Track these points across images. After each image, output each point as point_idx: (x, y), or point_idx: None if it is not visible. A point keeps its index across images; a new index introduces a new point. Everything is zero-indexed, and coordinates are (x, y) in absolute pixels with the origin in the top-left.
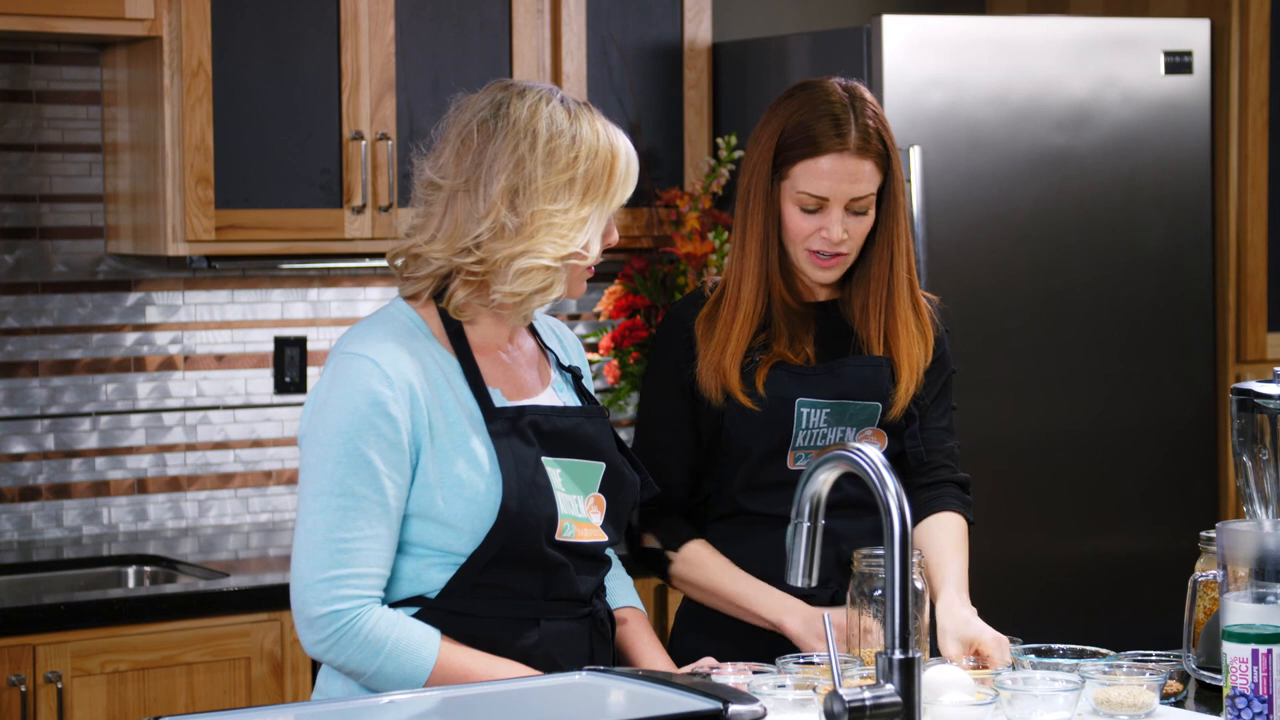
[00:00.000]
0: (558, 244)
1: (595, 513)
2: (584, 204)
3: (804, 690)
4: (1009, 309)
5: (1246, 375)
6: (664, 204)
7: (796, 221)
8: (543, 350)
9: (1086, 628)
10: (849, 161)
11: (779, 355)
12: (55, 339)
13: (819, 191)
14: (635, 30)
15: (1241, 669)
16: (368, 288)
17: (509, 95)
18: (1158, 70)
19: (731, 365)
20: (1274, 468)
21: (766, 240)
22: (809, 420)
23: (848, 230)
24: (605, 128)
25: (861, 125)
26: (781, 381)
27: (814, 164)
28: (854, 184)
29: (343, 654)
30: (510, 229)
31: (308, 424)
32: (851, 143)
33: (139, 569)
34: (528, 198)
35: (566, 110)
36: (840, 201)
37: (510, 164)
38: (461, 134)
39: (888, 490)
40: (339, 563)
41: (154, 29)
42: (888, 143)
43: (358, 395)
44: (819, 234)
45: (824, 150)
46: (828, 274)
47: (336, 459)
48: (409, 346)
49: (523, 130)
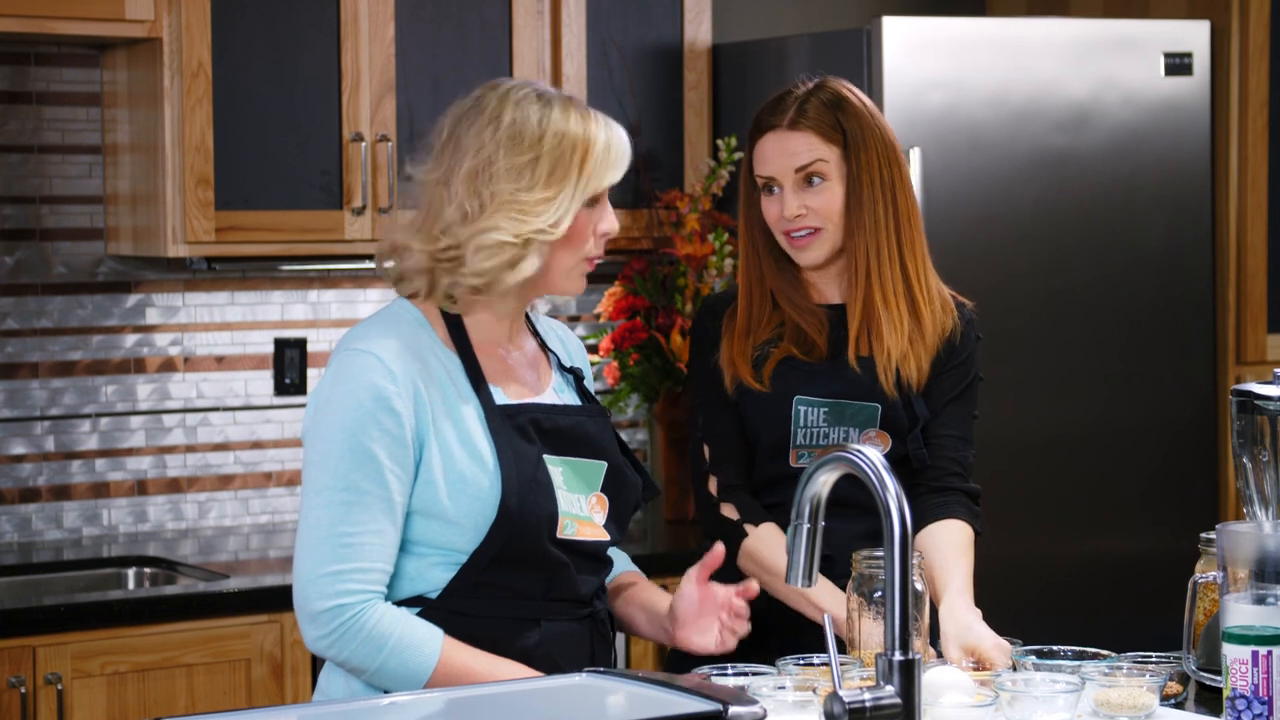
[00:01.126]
0: (518, 219)
1: (598, 512)
2: (549, 184)
3: (804, 692)
4: (1009, 310)
5: (1246, 376)
6: (664, 205)
7: (765, 208)
8: (545, 351)
9: (1086, 629)
10: (784, 136)
11: (787, 350)
12: (55, 340)
13: (764, 171)
14: (635, 31)
15: (1241, 670)
16: (368, 289)
17: (487, 90)
18: (1158, 71)
19: (741, 359)
20: (1274, 469)
21: (753, 237)
22: (807, 418)
23: (807, 205)
24: (584, 115)
25: (801, 103)
26: (784, 377)
27: (759, 146)
28: (791, 157)
29: (345, 650)
30: (473, 211)
31: (311, 420)
32: (787, 119)
33: (139, 570)
34: (487, 179)
35: (540, 99)
36: (785, 176)
37: (474, 149)
38: (443, 131)
39: (888, 492)
40: (342, 557)
41: (154, 30)
42: (842, 120)
43: (361, 390)
44: (783, 214)
45: (764, 130)
46: (804, 254)
47: (340, 453)
48: (412, 343)
49: (489, 118)
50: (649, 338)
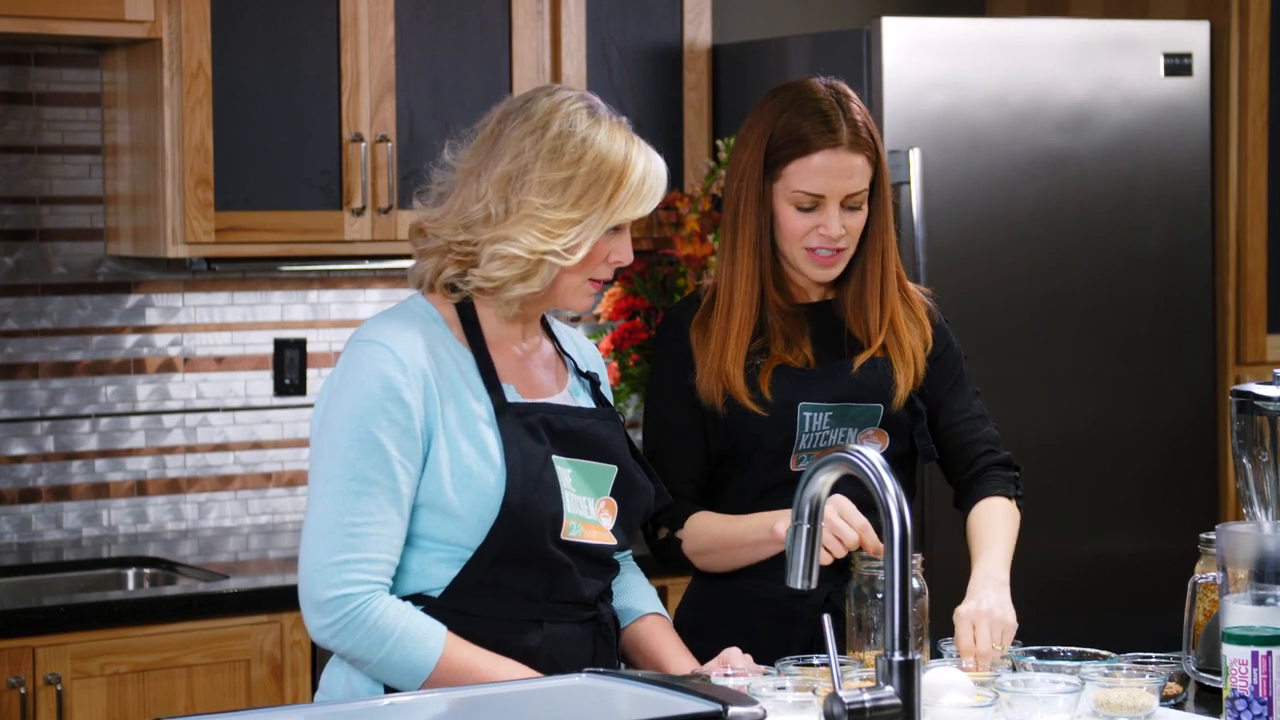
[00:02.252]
0: (537, 238)
1: (606, 516)
2: (577, 206)
3: (804, 692)
4: (1009, 310)
5: (1246, 377)
6: (664, 206)
7: (792, 221)
8: (561, 355)
9: (1086, 629)
10: (842, 157)
11: (779, 359)
12: (55, 341)
13: (814, 189)
14: (635, 32)
15: (1241, 671)
16: (367, 290)
17: (540, 93)
18: (1157, 72)
19: (734, 369)
20: (1274, 470)
21: (760, 242)
22: (812, 423)
23: (845, 226)
24: (629, 140)
25: (851, 120)
26: (784, 386)
27: (807, 162)
28: (848, 179)
29: (349, 640)
30: (497, 215)
31: (321, 410)
32: (844, 138)
33: (139, 571)
34: (519, 187)
35: (590, 115)
36: (836, 198)
37: (513, 153)
38: (488, 124)
39: (887, 492)
40: (349, 546)
41: (154, 31)
42: (875, 138)
43: (371, 380)
44: (816, 231)
45: (816, 147)
46: (827, 271)
47: (349, 443)
48: (424, 336)
49: (536, 124)
50: (649, 338)
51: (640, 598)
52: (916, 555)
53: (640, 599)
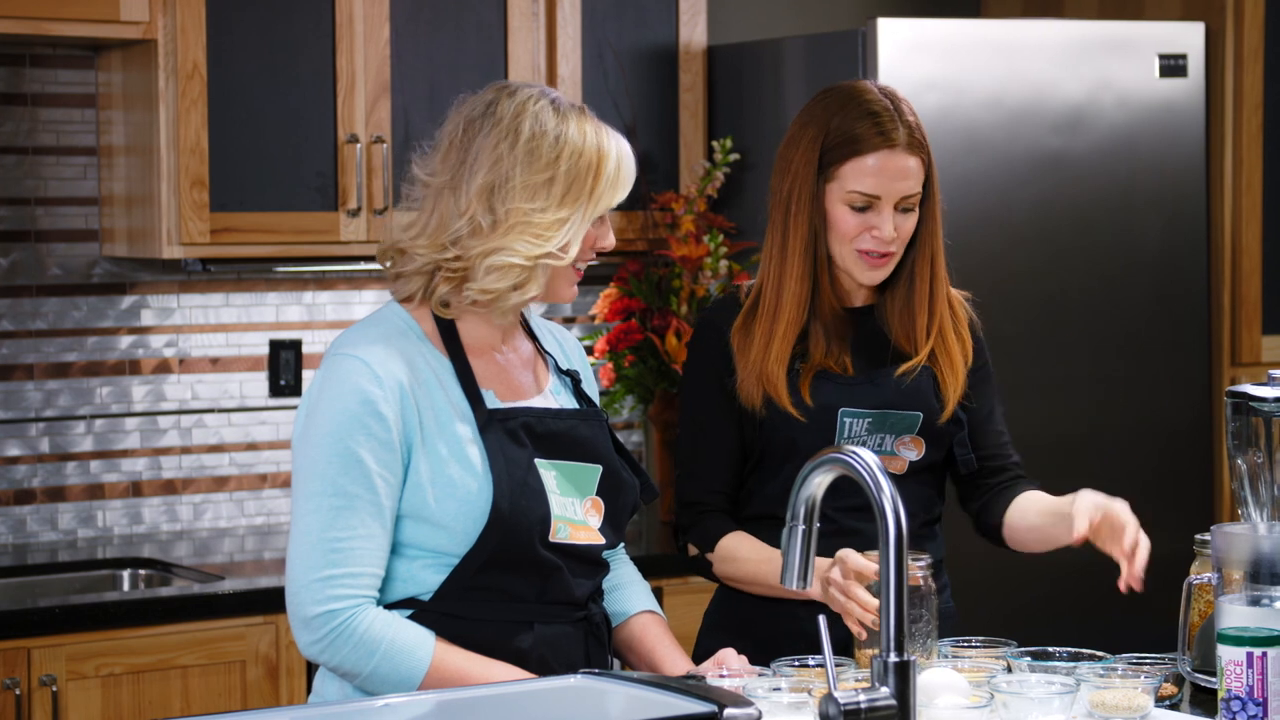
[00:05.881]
0: (531, 243)
1: (593, 515)
2: (563, 204)
3: (799, 693)
4: (1005, 311)
5: (1241, 378)
6: (659, 207)
7: (846, 221)
8: (541, 354)
9: (1081, 630)
10: (898, 158)
11: (820, 364)
12: (50, 342)
13: (870, 190)
14: (630, 33)
15: (1236, 672)
16: (363, 290)
17: (500, 95)
18: (1153, 73)
19: (778, 370)
20: (1269, 470)
21: (814, 243)
22: (850, 429)
23: (897, 228)
24: (597, 130)
25: (906, 122)
26: (825, 391)
27: (862, 162)
28: (903, 180)
29: (338, 654)
30: (485, 227)
31: (300, 426)
32: (899, 139)
33: (134, 572)
34: (504, 196)
35: (556, 110)
36: (891, 199)
37: (490, 161)
38: (452, 133)
39: (883, 494)
40: (333, 562)
41: (149, 32)
42: (926, 141)
43: (348, 395)
44: (869, 233)
45: (872, 148)
46: (877, 273)
47: (328, 459)
48: (400, 347)
49: (506, 129)
50: (644, 339)
51: (634, 596)
52: (925, 556)
53: (634, 597)
